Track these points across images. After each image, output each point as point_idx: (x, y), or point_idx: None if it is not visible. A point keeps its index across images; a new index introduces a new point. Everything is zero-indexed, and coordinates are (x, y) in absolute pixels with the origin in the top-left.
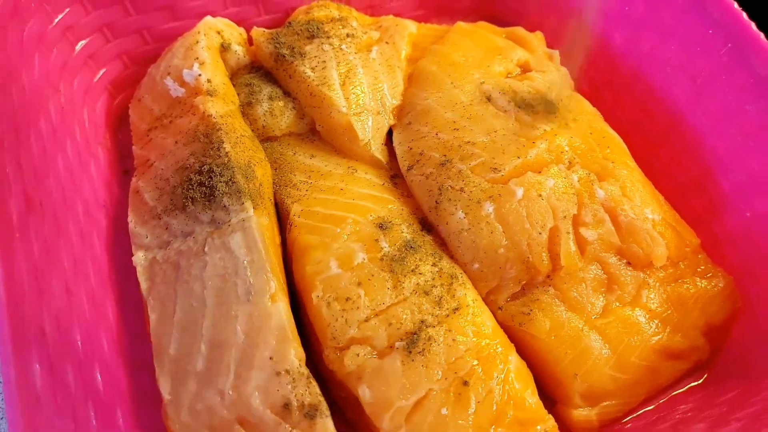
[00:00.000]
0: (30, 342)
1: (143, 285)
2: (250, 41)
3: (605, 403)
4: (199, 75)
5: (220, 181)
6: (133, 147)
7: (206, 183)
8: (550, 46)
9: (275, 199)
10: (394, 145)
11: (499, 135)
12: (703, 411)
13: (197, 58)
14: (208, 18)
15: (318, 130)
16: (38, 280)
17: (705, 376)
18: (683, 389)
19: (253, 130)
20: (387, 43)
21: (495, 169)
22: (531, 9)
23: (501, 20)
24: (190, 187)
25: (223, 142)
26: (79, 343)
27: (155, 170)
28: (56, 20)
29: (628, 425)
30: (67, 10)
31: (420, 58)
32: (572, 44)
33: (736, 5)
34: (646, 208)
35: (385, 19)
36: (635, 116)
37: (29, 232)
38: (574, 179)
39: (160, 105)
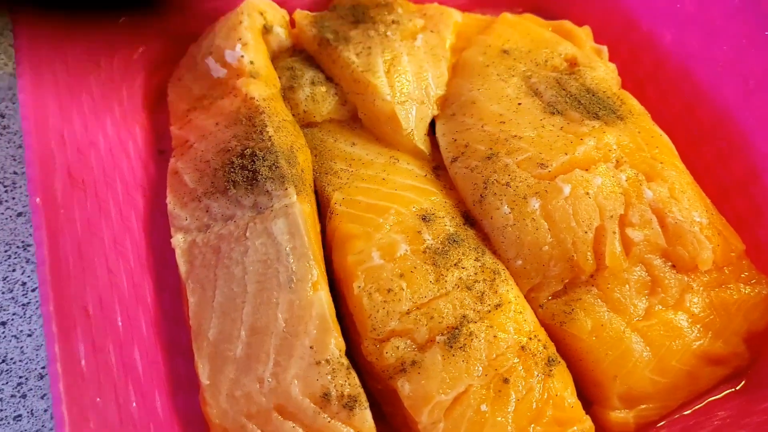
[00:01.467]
0: (75, 321)
1: (182, 268)
2: (292, 24)
3: (643, 406)
4: (242, 56)
5: (263, 166)
6: (171, 127)
7: (249, 167)
8: (596, 40)
9: (315, 186)
10: (437, 136)
11: (546, 130)
12: (743, 419)
13: (240, 39)
14: None
15: (360, 118)
16: (82, 259)
17: (743, 382)
18: (720, 395)
19: (293, 115)
20: (432, 31)
21: (542, 164)
22: (576, 1)
23: (546, 12)
24: (232, 170)
25: (266, 126)
26: (120, 324)
27: (195, 151)
28: None
29: (664, 429)
30: None
31: (464, 48)
32: (618, 39)
33: None
34: (694, 211)
35: (429, 6)
36: (680, 114)
37: (73, 210)
38: (622, 178)
39: (201, 85)
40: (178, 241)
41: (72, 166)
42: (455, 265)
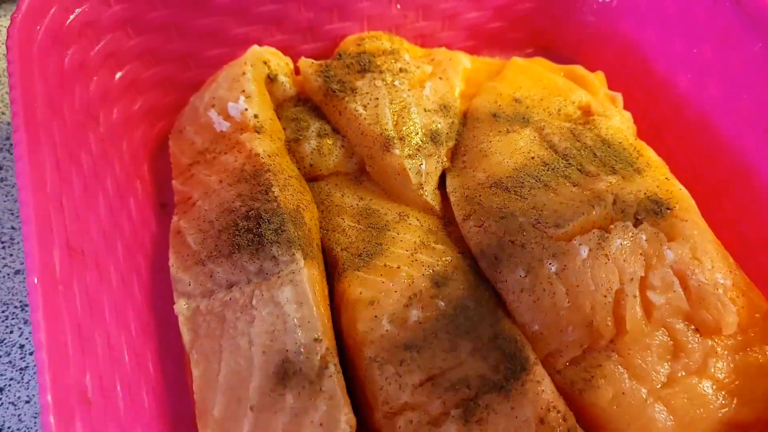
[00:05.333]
0: (73, 408)
1: (186, 337)
2: (296, 70)
3: None
4: (246, 109)
5: (269, 229)
6: (173, 181)
7: (254, 230)
8: (609, 83)
9: (322, 244)
10: (447, 191)
11: (561, 186)
12: None
13: (243, 91)
14: (256, 47)
15: (367, 171)
16: (81, 338)
17: None
18: None
19: (299, 169)
20: (440, 78)
21: (558, 224)
22: (587, 43)
23: (556, 53)
24: (237, 233)
25: (271, 185)
26: (121, 405)
27: (198, 210)
28: (98, 47)
29: None
30: (110, 36)
31: (474, 94)
32: (633, 83)
33: None
34: (718, 273)
35: (437, 51)
36: (699, 164)
37: (72, 284)
38: (642, 238)
39: (203, 138)
40: (181, 307)
41: (71, 236)
42: (469, 332)
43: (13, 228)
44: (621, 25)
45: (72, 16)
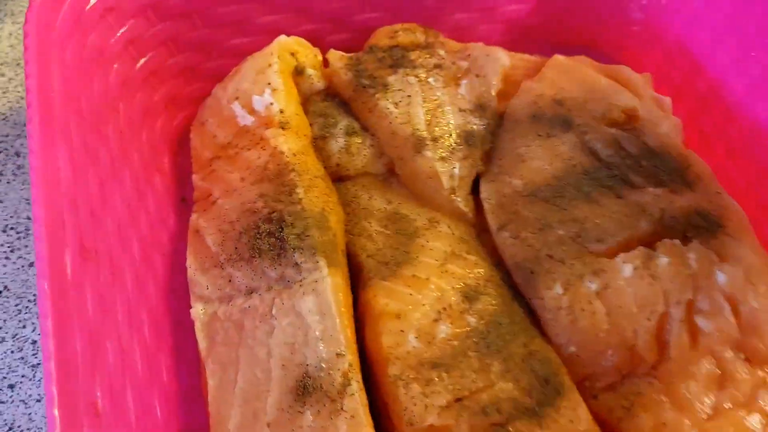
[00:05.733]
0: (82, 423)
1: (201, 343)
2: (325, 62)
3: None
4: (271, 103)
5: (292, 233)
6: (194, 176)
7: (276, 234)
8: (656, 86)
9: (347, 249)
10: (481, 197)
11: (605, 198)
12: None
13: (269, 84)
14: (282, 37)
15: (397, 173)
16: (91, 344)
17: None
18: None
19: (325, 168)
20: (477, 75)
21: (600, 239)
22: (634, 42)
23: (600, 52)
24: (258, 236)
25: (296, 186)
26: (132, 416)
27: (218, 209)
28: (119, 33)
29: None
30: (131, 22)
31: (512, 94)
32: (682, 86)
33: None
34: None
35: (474, 47)
36: (751, 177)
37: (84, 287)
38: (690, 258)
39: (226, 132)
40: (197, 312)
41: (84, 235)
42: (500, 352)
43: (29, 218)
44: (671, 24)
45: (91, 2)
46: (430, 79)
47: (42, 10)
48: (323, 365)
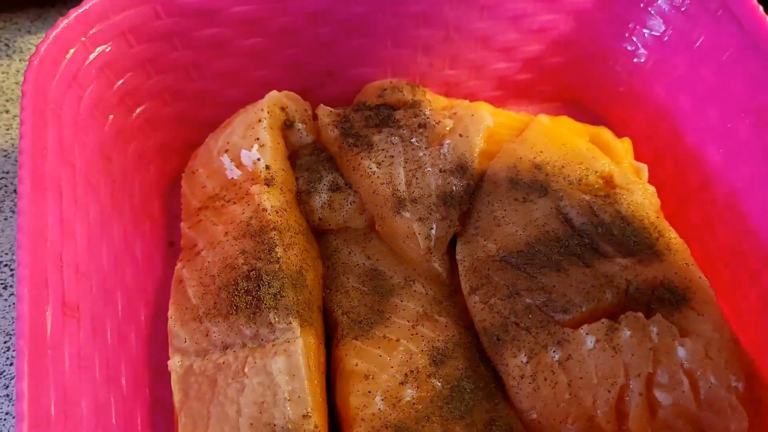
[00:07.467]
0: None
1: (176, 396)
2: (314, 116)
3: None
4: (258, 159)
5: (268, 293)
6: (182, 224)
7: (253, 292)
8: (637, 148)
9: (324, 304)
10: (457, 258)
11: (573, 267)
12: None
13: (258, 139)
14: (274, 93)
15: (377, 229)
16: (66, 404)
17: None
18: None
19: (308, 221)
20: (461, 135)
21: (565, 310)
22: (618, 102)
23: (585, 109)
24: (236, 293)
25: (275, 246)
26: None
27: (202, 261)
28: (116, 86)
29: None
30: (129, 75)
31: (495, 152)
32: (661, 151)
33: None
34: (732, 375)
35: (460, 105)
36: (725, 247)
37: (63, 346)
38: (652, 332)
39: (214, 183)
40: (174, 364)
41: (68, 293)
42: (463, 417)
43: None
44: (654, 88)
45: (92, 57)
46: (413, 139)
47: (41, 69)
48: (289, 426)
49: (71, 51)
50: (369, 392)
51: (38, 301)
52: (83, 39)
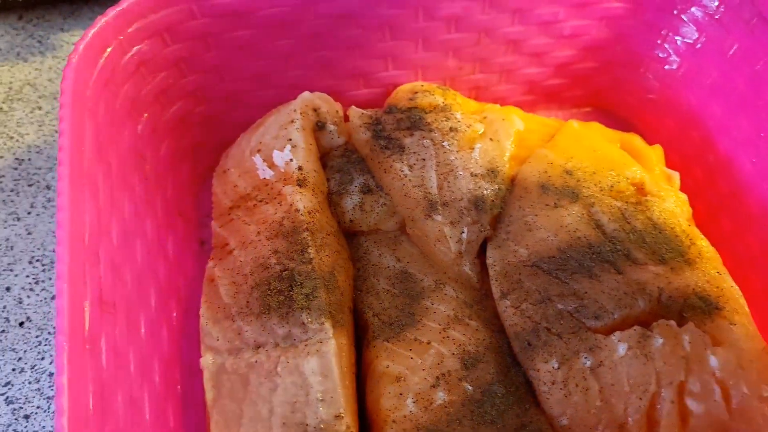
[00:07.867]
0: None
1: (208, 394)
2: (346, 117)
3: None
4: (291, 160)
5: (300, 293)
6: (213, 222)
7: (286, 292)
8: (668, 155)
9: (354, 306)
10: (487, 262)
11: (605, 274)
12: None
13: (290, 140)
14: (306, 94)
15: (408, 232)
16: (103, 399)
17: None
18: None
19: (339, 223)
20: (491, 139)
21: (597, 316)
22: (649, 109)
23: (616, 115)
24: (269, 293)
25: (308, 246)
26: None
27: (234, 260)
28: (151, 85)
29: None
30: (164, 74)
31: (525, 157)
32: (692, 159)
33: None
34: (764, 385)
35: (491, 109)
36: (757, 255)
37: (100, 341)
38: (684, 340)
39: (246, 182)
40: (207, 362)
41: (104, 289)
42: (494, 422)
43: (54, 251)
44: (685, 95)
45: (128, 55)
46: (445, 143)
47: (79, 67)
48: (322, 426)
49: (108, 49)
50: (400, 394)
51: (77, 296)
52: (121, 37)
